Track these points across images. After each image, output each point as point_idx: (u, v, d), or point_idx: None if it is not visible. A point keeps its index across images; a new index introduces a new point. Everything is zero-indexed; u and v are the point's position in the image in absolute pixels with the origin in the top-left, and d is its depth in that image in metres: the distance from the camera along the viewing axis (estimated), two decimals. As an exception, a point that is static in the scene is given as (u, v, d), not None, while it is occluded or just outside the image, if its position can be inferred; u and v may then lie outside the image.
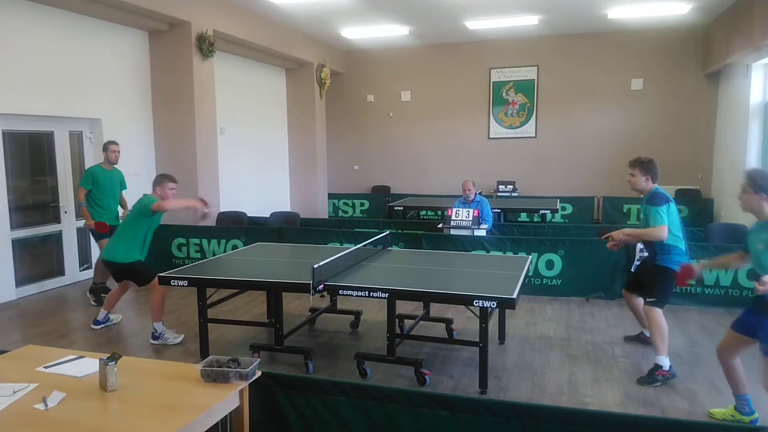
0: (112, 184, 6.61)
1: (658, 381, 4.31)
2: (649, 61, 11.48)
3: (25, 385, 2.60)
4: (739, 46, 8.79)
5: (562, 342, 5.26)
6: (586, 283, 6.66)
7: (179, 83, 8.38)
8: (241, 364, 2.71)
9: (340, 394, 2.91)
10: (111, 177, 6.61)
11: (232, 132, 10.08)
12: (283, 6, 9.15)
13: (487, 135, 12.68)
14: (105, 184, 6.52)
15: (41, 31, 6.91)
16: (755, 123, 9.31)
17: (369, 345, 5.16)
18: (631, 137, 11.63)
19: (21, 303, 6.70)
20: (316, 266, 4.10)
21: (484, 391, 4.14)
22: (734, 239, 6.68)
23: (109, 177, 6.58)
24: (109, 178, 6.57)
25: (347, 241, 7.19)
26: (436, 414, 2.76)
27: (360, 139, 13.56)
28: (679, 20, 10.47)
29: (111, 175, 6.61)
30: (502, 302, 3.92)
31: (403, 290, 4.25)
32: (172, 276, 4.65)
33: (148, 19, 7.85)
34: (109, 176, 6.59)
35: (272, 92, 11.79)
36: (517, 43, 12.06)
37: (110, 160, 6.59)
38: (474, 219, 7.38)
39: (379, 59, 13.12)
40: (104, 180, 6.52)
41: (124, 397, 2.53)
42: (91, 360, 2.89)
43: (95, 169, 6.59)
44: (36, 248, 7.28)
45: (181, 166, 8.49)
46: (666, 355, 4.35)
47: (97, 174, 6.50)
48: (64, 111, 7.28)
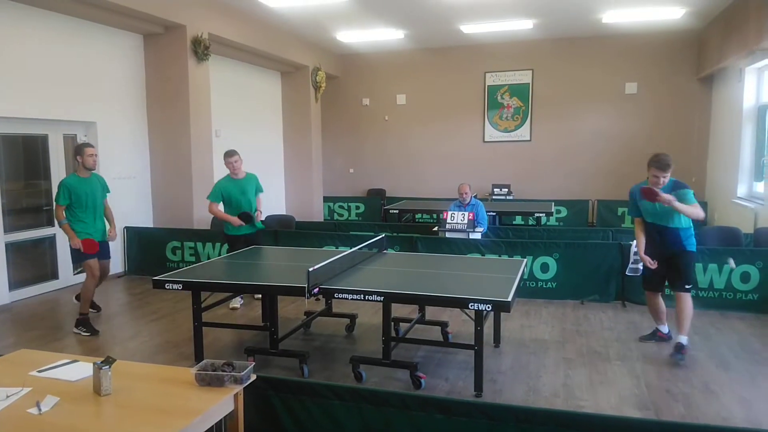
0: (93, 194, 5.68)
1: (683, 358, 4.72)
2: (643, 65, 11.55)
3: (18, 389, 2.59)
4: (733, 51, 8.86)
5: (557, 345, 5.26)
6: (581, 286, 6.67)
7: (174, 86, 8.37)
8: (236, 367, 2.70)
9: (335, 398, 2.90)
10: (91, 186, 5.68)
11: (227, 135, 10.07)
12: (279, 9, 9.15)
13: (482, 138, 12.71)
14: (84, 195, 5.60)
15: (36, 34, 6.89)
16: (748, 126, 9.37)
17: (364, 348, 5.15)
18: (626, 141, 11.69)
19: (14, 307, 6.66)
20: (311, 269, 4.10)
21: (480, 394, 4.14)
22: (728, 242, 6.72)
23: (88, 186, 5.65)
24: (88, 188, 5.65)
25: (343, 244, 7.19)
26: (431, 417, 2.76)
27: (355, 142, 13.57)
28: (673, 25, 10.53)
29: (90, 183, 5.68)
30: (497, 305, 3.92)
31: (399, 293, 4.25)
32: (166, 279, 4.64)
33: (143, 22, 7.83)
34: (88, 185, 5.66)
35: (268, 95, 11.79)
36: (512, 47, 12.11)
37: (87, 166, 5.63)
38: (469, 222, 7.39)
39: (374, 63, 13.14)
40: (82, 191, 5.59)
41: (119, 402, 2.52)
42: (84, 364, 2.87)
43: (70, 180, 5.62)
44: (30, 252, 7.24)
45: (176, 169, 8.49)
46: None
47: (73, 185, 5.56)
48: (59, 114, 7.26)
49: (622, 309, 6.37)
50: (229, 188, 6.36)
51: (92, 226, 5.73)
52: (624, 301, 6.52)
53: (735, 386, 4.34)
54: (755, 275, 6.15)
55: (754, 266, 6.15)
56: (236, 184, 6.38)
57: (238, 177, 6.42)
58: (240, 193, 6.35)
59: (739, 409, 3.97)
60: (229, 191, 6.35)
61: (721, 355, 5.00)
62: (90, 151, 5.66)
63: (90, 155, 5.64)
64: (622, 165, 11.61)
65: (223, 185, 6.40)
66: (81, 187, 5.62)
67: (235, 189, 6.36)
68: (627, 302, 6.51)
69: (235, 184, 6.38)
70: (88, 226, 5.69)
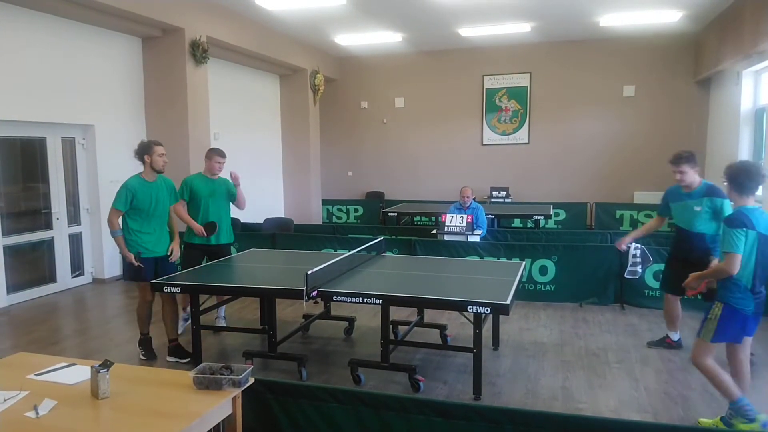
0: (158, 200, 4.99)
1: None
2: (640, 68, 11.58)
3: (16, 392, 2.58)
4: (730, 54, 8.88)
5: (555, 348, 5.26)
6: (579, 289, 6.67)
7: (173, 89, 8.36)
8: (234, 371, 2.69)
9: (333, 401, 2.90)
10: (157, 191, 4.99)
11: (225, 138, 10.07)
12: (277, 13, 9.16)
13: (481, 141, 12.73)
14: (149, 201, 4.91)
15: (34, 37, 6.89)
16: (746, 129, 9.39)
17: (363, 351, 5.15)
18: (624, 143, 11.72)
19: (12, 310, 6.65)
20: (309, 272, 4.10)
21: (478, 397, 4.13)
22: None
23: (154, 191, 4.96)
24: (154, 193, 4.96)
25: (341, 247, 7.19)
26: (430, 420, 2.75)
27: (354, 145, 13.58)
28: (670, 28, 10.56)
29: (156, 188, 4.99)
30: (495, 308, 3.92)
31: (397, 296, 4.25)
32: (164, 282, 4.63)
33: (142, 25, 7.84)
34: (155, 189, 4.97)
35: (266, 98, 11.79)
36: (509, 50, 12.13)
37: (156, 168, 4.92)
38: (468, 225, 7.39)
39: (372, 66, 13.16)
40: (147, 195, 4.90)
41: (116, 405, 2.52)
42: (82, 367, 2.86)
43: (133, 182, 4.90)
44: (27, 255, 7.23)
45: (174, 172, 8.43)
46: None
47: (137, 188, 4.84)
48: (57, 117, 7.25)
49: (621, 312, 6.37)
50: (199, 185, 5.56)
51: (154, 237, 4.92)
52: (623, 304, 6.52)
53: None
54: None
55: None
56: (207, 183, 5.61)
57: (213, 178, 5.67)
58: (209, 194, 5.55)
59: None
60: (198, 188, 5.53)
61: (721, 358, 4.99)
62: (160, 150, 4.86)
63: (161, 155, 4.85)
64: (620, 168, 11.64)
65: (193, 181, 5.59)
66: (146, 192, 4.86)
67: (205, 189, 5.56)
68: (626, 305, 6.51)
69: (206, 184, 5.60)
70: (148, 238, 4.88)
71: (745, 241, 3.35)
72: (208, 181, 5.63)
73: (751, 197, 3.46)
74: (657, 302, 6.22)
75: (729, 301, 3.47)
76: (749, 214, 3.40)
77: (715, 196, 4.58)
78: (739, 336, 3.55)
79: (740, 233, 3.35)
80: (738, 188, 3.48)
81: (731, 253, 3.36)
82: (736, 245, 3.34)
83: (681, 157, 4.65)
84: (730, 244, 3.37)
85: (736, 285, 3.43)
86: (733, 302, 3.45)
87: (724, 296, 3.49)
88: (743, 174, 3.45)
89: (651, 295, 6.44)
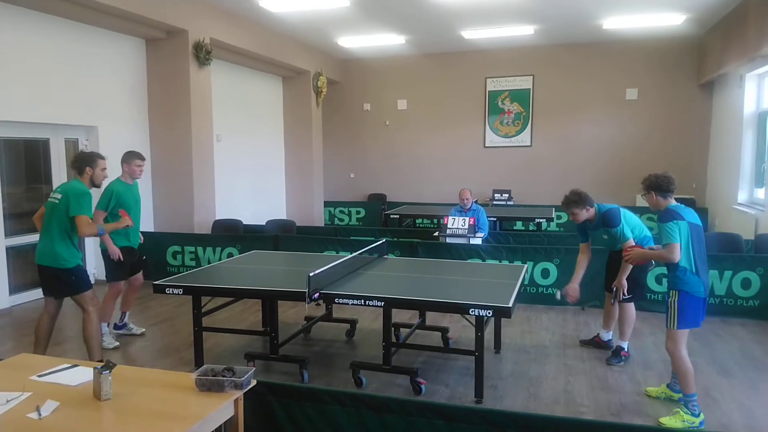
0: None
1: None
2: (643, 71, 11.57)
3: (18, 393, 2.59)
4: (733, 57, 8.87)
5: (557, 351, 5.26)
6: (581, 292, 6.63)
7: (176, 91, 8.38)
8: (236, 373, 2.70)
9: (335, 403, 2.90)
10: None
11: (228, 140, 10.09)
12: (280, 15, 9.18)
13: (483, 144, 12.73)
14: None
15: (38, 38, 6.91)
16: (749, 132, 9.38)
17: (365, 354, 5.14)
18: (626, 147, 11.71)
19: (14, 311, 6.66)
20: (311, 274, 4.10)
21: (480, 400, 4.13)
22: (729, 248, 6.72)
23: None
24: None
25: (343, 249, 7.18)
26: (431, 423, 2.75)
27: (356, 147, 13.59)
28: (673, 31, 10.56)
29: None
30: (497, 311, 3.92)
31: (399, 299, 4.25)
32: (167, 284, 4.63)
33: (145, 27, 7.86)
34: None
35: (269, 100, 11.81)
36: (512, 53, 12.14)
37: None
38: (470, 227, 7.39)
39: (375, 68, 13.18)
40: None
41: (119, 406, 2.52)
42: (85, 369, 2.87)
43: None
44: (30, 256, 7.18)
45: (177, 173, 8.49)
46: None
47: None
48: (60, 118, 7.27)
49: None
50: (125, 195, 5.35)
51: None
52: (625, 307, 6.50)
53: (735, 393, 4.33)
54: (756, 282, 6.15)
55: (755, 273, 6.15)
56: (131, 190, 5.45)
57: (131, 182, 5.50)
58: (134, 201, 5.46)
59: (740, 415, 3.96)
60: (125, 198, 5.32)
61: (721, 361, 4.99)
62: (103, 164, 4.75)
63: (103, 169, 4.75)
64: (623, 171, 11.62)
65: (119, 191, 5.32)
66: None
67: (131, 197, 5.42)
68: (628, 308, 6.49)
69: (130, 191, 5.43)
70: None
71: (679, 231, 3.71)
72: (130, 188, 5.48)
73: (672, 198, 3.91)
74: (659, 306, 6.22)
75: (682, 288, 3.78)
76: (675, 209, 3.82)
77: (609, 227, 4.85)
78: (698, 320, 3.85)
79: (673, 225, 3.72)
80: (663, 193, 3.89)
81: (670, 243, 3.71)
82: (672, 236, 3.70)
83: (569, 202, 4.90)
84: (668, 236, 3.72)
85: (682, 271, 3.77)
86: (686, 288, 3.77)
87: (676, 284, 3.81)
88: (664, 180, 3.89)
89: (653, 298, 6.43)
